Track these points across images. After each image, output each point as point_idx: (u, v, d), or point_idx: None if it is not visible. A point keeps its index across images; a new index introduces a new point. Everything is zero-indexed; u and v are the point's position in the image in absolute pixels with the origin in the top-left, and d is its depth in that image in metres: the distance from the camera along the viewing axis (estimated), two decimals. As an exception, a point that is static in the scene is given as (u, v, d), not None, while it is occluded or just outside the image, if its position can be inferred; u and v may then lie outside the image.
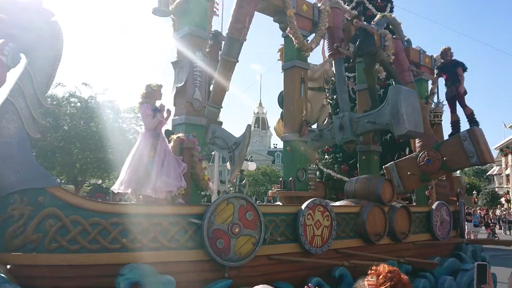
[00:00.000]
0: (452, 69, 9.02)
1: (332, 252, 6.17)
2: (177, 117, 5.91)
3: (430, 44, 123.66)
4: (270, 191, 7.41)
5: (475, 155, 7.77)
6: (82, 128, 29.03)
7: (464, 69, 9.14)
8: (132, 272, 4.20)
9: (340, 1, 8.53)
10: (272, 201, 24.07)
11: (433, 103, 10.85)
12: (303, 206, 5.81)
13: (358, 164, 8.86)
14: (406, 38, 10.08)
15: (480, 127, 8.52)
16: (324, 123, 8.67)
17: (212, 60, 6.87)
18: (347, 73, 12.85)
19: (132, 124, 30.05)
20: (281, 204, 6.89)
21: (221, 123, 7.22)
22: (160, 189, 5.05)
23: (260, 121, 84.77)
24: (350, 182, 7.52)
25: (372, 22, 9.43)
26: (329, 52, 8.01)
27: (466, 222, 22.18)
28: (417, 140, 8.91)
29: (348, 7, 10.35)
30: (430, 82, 10.75)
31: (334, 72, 8.07)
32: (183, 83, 5.82)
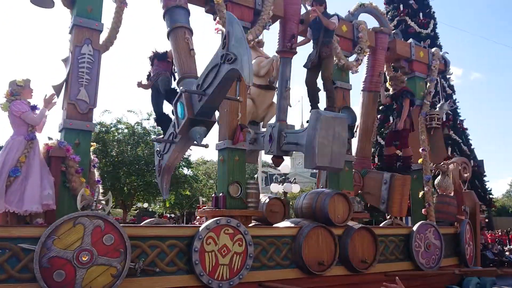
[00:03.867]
0: (399, 99, 7.79)
1: (251, 286, 4.88)
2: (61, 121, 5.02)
3: (477, 61, 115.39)
4: (199, 210, 6.27)
5: (386, 203, 7.24)
6: (129, 153, 29.80)
7: (412, 101, 7.86)
8: None
9: None
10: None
11: (438, 104, 9.32)
12: (201, 228, 4.62)
13: (327, 178, 7.42)
14: (393, 30, 8.67)
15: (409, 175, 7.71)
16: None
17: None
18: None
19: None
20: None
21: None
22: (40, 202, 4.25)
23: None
24: (299, 198, 6.19)
25: (347, 12, 8.13)
26: (278, 47, 6.83)
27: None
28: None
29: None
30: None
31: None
32: (61, 81, 4.95)
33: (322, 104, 6.78)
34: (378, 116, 14.67)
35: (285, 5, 6.90)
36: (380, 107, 15.25)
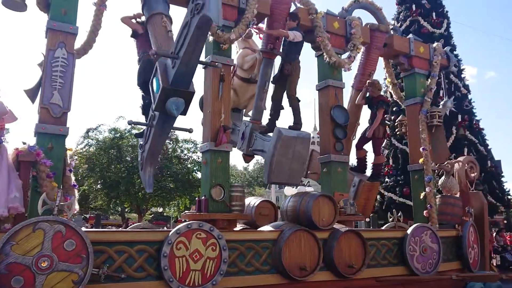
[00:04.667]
0: (374, 108, 7.65)
1: (227, 292, 4.71)
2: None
3: (492, 59, 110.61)
4: (182, 213, 6.15)
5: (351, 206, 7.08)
6: (143, 158, 30.13)
7: (386, 112, 7.96)
8: None
9: None
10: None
11: (441, 102, 8.99)
12: (171, 232, 4.48)
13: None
14: (391, 27, 8.37)
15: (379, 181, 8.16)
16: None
17: None
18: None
19: (191, 153, 30.47)
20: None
21: None
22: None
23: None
24: (285, 201, 5.98)
25: (342, 8, 7.88)
26: (262, 46, 6.69)
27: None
28: None
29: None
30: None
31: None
32: (33, 85, 4.93)
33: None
34: (392, 117, 14.30)
35: (273, 4, 6.74)
36: (394, 108, 14.90)
